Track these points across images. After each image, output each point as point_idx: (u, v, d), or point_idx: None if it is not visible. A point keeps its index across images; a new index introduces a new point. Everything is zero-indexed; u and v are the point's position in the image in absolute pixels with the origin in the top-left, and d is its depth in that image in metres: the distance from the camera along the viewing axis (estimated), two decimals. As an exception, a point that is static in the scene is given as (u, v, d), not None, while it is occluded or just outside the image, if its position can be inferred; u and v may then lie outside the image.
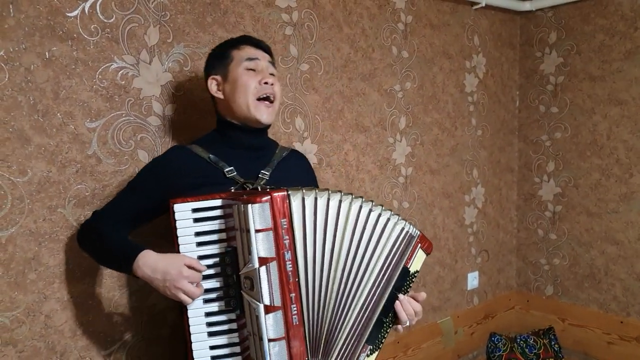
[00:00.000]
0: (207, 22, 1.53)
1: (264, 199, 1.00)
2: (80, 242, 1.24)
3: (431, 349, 2.34)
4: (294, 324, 1.03)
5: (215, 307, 1.09)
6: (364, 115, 1.99)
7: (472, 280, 2.51)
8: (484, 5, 2.30)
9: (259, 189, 1.14)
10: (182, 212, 1.08)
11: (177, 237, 1.08)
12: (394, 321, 1.16)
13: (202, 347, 1.08)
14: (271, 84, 1.21)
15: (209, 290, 1.09)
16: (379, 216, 1.10)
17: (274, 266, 1.01)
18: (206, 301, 1.08)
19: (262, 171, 1.22)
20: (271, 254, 1.01)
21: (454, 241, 2.41)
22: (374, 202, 1.11)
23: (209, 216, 1.09)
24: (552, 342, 2.48)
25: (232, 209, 1.06)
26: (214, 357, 1.08)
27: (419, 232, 1.16)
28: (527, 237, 2.69)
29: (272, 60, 1.28)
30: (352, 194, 1.08)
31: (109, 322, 1.41)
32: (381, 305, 1.12)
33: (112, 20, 1.35)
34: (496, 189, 2.60)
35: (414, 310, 1.16)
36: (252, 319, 1.04)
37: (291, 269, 1.02)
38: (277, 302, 1.01)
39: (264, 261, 1.00)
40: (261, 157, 1.26)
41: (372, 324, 1.12)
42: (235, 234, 1.06)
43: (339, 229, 1.07)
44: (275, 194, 1.01)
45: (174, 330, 1.51)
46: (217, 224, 1.09)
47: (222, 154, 1.21)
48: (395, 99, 2.09)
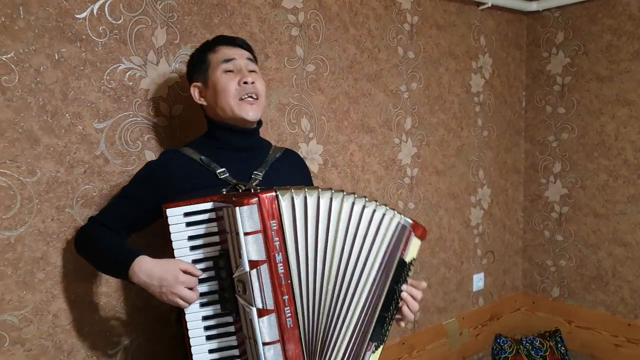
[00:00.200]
0: (214, 24, 1.54)
1: (252, 200, 0.99)
2: (77, 249, 1.24)
3: (436, 351, 2.33)
4: (288, 326, 1.02)
5: (211, 310, 1.08)
6: (370, 115, 1.99)
7: (478, 281, 2.51)
8: (490, 5, 2.29)
9: (251, 189, 1.12)
10: (175, 216, 1.07)
11: (172, 242, 1.07)
12: (395, 314, 1.15)
13: (201, 351, 1.07)
14: (251, 82, 1.19)
15: (205, 293, 1.08)
16: (374, 212, 1.08)
17: (264, 269, 1.00)
18: (203, 305, 1.08)
19: (255, 172, 1.21)
20: (261, 256, 1.00)
21: (460, 242, 2.40)
22: (367, 198, 1.08)
23: (200, 219, 1.08)
24: (559, 345, 2.47)
25: (222, 211, 1.04)
26: None
27: (410, 221, 1.12)
28: (533, 239, 2.68)
29: (251, 56, 1.26)
30: (343, 192, 1.06)
31: (115, 321, 1.42)
32: (382, 301, 1.11)
33: (120, 21, 1.36)
34: (502, 189, 2.59)
35: (416, 300, 1.14)
36: (246, 323, 1.03)
37: (283, 271, 1.01)
38: (270, 305, 1.00)
39: (254, 264, 0.99)
40: (254, 158, 1.25)
41: (375, 321, 1.10)
42: (227, 237, 1.05)
43: (331, 228, 1.05)
44: (263, 195, 1.00)
45: (179, 330, 1.52)
46: (210, 227, 1.08)
47: (214, 155, 1.20)
48: (401, 99, 2.09)
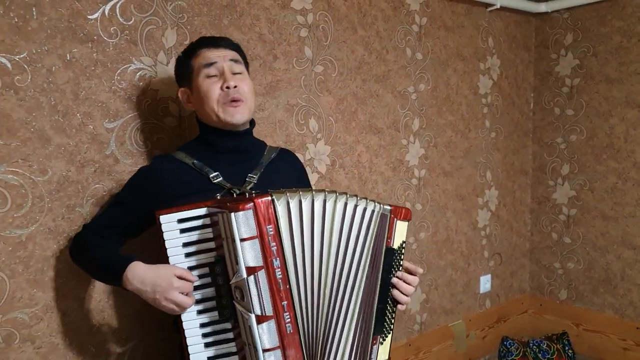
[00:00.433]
0: (224, 25, 1.54)
1: (247, 206, 0.96)
2: (72, 256, 1.23)
3: (443, 353, 2.32)
4: (288, 332, 1.00)
5: (209, 317, 1.06)
6: (378, 116, 1.99)
7: (485, 283, 2.50)
8: (498, 6, 2.29)
9: (246, 194, 1.10)
10: (168, 223, 1.06)
11: (166, 249, 1.06)
12: (395, 303, 1.15)
13: (199, 359, 1.06)
14: (234, 86, 1.15)
15: (202, 300, 1.06)
16: (364, 210, 1.08)
17: (262, 275, 0.98)
18: (200, 312, 1.06)
19: (250, 174, 1.19)
20: (259, 262, 0.98)
21: (467, 244, 2.40)
22: (359, 196, 1.08)
23: (195, 226, 1.06)
24: (566, 348, 2.45)
25: (217, 217, 1.03)
26: None
27: (389, 207, 1.11)
28: (540, 241, 2.66)
29: (236, 55, 1.22)
30: (336, 192, 1.06)
31: (124, 320, 1.43)
32: (377, 294, 1.10)
33: (131, 22, 1.37)
34: (510, 191, 2.58)
35: (409, 283, 1.14)
36: (245, 330, 1.01)
37: (281, 277, 0.99)
38: (269, 311, 0.98)
39: (251, 270, 0.97)
40: (248, 160, 1.22)
41: (374, 315, 1.10)
42: (222, 243, 1.03)
43: (325, 229, 1.04)
44: (258, 200, 0.98)
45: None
46: (205, 233, 1.06)
47: (207, 159, 1.18)
48: (409, 100, 2.09)
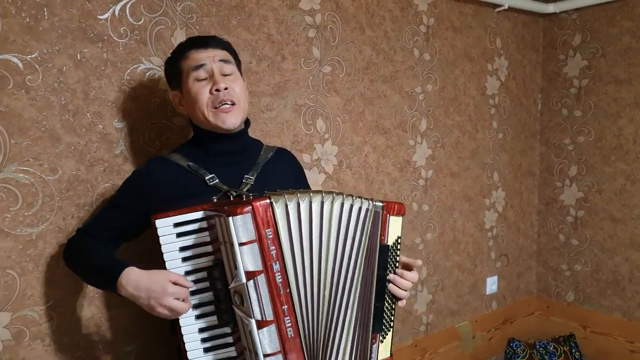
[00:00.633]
0: (232, 25, 1.55)
1: (245, 209, 0.94)
2: (65, 260, 1.20)
3: (449, 354, 2.32)
4: (289, 336, 0.99)
5: (208, 322, 1.05)
6: (385, 117, 1.99)
7: (491, 284, 2.49)
8: (506, 7, 2.28)
9: (243, 196, 1.08)
10: (164, 227, 1.04)
11: (163, 254, 1.04)
12: (395, 300, 1.14)
13: None
14: (224, 89, 1.12)
15: (200, 305, 1.05)
16: (359, 209, 1.06)
17: (262, 279, 0.96)
18: (198, 316, 1.05)
19: (246, 176, 1.17)
20: (258, 266, 0.96)
21: (474, 245, 2.39)
22: (354, 196, 1.07)
23: (191, 230, 1.05)
24: (573, 350, 2.44)
25: (214, 220, 1.01)
26: None
27: (381, 204, 1.09)
28: (547, 242, 2.65)
29: (227, 55, 1.18)
30: (333, 192, 1.05)
31: (131, 318, 1.43)
32: (374, 292, 1.09)
33: (140, 22, 1.38)
34: (517, 192, 2.57)
35: (407, 279, 1.13)
36: (245, 334, 1.00)
37: (281, 280, 0.98)
38: (269, 316, 0.97)
39: (251, 275, 0.95)
40: (243, 161, 1.20)
41: (372, 314, 1.09)
42: (220, 247, 1.02)
43: (323, 231, 1.03)
44: (257, 204, 0.96)
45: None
46: (202, 237, 1.05)
47: (202, 161, 1.16)
48: (416, 101, 2.08)
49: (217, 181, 1.14)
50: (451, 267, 2.30)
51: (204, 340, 1.05)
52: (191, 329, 1.05)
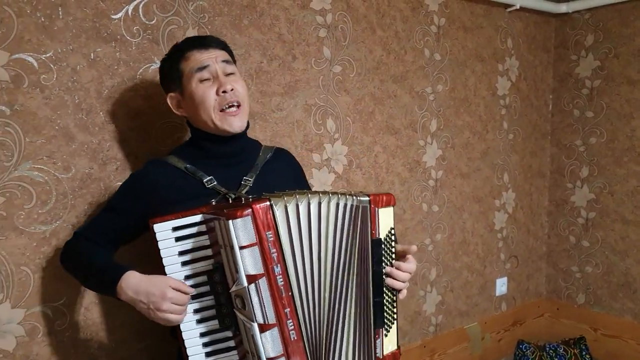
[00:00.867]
0: (244, 25, 1.55)
1: (245, 212, 0.93)
2: (63, 263, 1.19)
3: (458, 355, 2.31)
4: (292, 339, 0.98)
5: (209, 326, 1.04)
6: (395, 117, 1.98)
7: (501, 286, 2.47)
8: (518, 7, 2.26)
9: (242, 199, 1.06)
10: (163, 231, 1.02)
11: (162, 259, 1.03)
12: (395, 293, 1.12)
13: None
14: (231, 90, 1.10)
15: (201, 309, 1.04)
16: (345, 206, 1.04)
17: (263, 282, 0.95)
18: (199, 321, 1.04)
19: (245, 177, 1.15)
20: (259, 270, 0.95)
21: (483, 246, 2.38)
22: (339, 193, 1.06)
23: (190, 233, 1.03)
24: (584, 353, 2.42)
25: (214, 223, 1.00)
26: None
27: (366, 198, 1.06)
28: (558, 244, 2.63)
29: (225, 56, 1.16)
30: (329, 193, 1.04)
31: (142, 316, 1.43)
32: (371, 288, 1.08)
33: (153, 22, 1.39)
34: (527, 194, 2.55)
35: (406, 272, 1.11)
36: (248, 338, 0.99)
37: (283, 283, 0.97)
38: (272, 319, 0.96)
39: (252, 278, 0.94)
40: (242, 162, 1.18)
41: (372, 310, 1.08)
42: (220, 250, 1.01)
43: (322, 232, 1.02)
44: (256, 206, 0.94)
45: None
46: (201, 241, 1.04)
47: (200, 163, 1.15)
48: (426, 101, 2.08)
49: (215, 183, 1.12)
50: (460, 268, 2.29)
51: (205, 344, 1.04)
52: (192, 333, 1.04)
